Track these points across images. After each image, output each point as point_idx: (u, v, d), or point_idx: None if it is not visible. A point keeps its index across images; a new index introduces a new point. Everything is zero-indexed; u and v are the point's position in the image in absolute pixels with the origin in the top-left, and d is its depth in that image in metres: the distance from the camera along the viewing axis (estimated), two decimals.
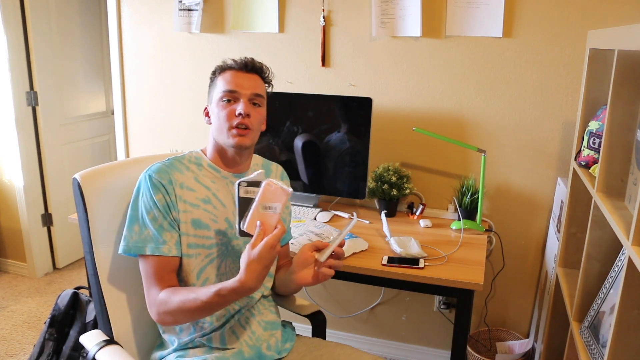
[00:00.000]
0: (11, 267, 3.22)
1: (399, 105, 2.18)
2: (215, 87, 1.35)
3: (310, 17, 2.20)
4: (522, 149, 2.08)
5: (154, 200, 1.25)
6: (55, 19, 3.04)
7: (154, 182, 1.26)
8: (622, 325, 1.07)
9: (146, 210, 1.25)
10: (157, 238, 1.24)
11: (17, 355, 2.39)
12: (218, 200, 1.34)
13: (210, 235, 1.30)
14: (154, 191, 1.25)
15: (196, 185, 1.32)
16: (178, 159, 1.35)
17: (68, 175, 3.28)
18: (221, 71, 1.35)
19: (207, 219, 1.30)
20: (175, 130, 2.54)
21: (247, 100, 1.31)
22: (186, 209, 1.28)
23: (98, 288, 1.36)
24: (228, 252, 1.34)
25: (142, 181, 1.29)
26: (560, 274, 1.74)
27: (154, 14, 2.44)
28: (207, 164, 1.36)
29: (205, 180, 1.34)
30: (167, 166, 1.30)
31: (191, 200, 1.29)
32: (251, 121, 1.31)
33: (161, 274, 1.25)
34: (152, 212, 1.25)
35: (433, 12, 2.05)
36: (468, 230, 1.99)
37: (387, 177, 2.08)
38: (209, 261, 1.31)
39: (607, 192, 1.33)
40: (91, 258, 1.35)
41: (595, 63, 1.61)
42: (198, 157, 1.37)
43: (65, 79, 3.19)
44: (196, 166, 1.35)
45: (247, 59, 1.35)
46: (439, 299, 2.32)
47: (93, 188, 1.36)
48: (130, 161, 1.50)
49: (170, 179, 1.28)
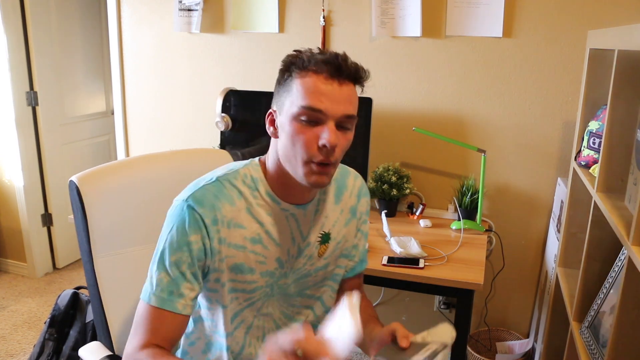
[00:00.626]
0: (11, 267, 3.22)
1: (399, 105, 2.18)
2: (289, 92, 0.97)
3: (310, 17, 2.20)
4: (522, 149, 2.08)
5: (187, 240, 0.98)
6: (55, 19, 3.04)
7: (194, 217, 0.97)
8: (622, 325, 1.07)
9: (171, 249, 0.99)
10: (173, 289, 0.98)
11: (17, 355, 2.39)
12: (270, 238, 1.06)
13: (254, 280, 1.06)
14: (190, 229, 0.97)
15: (247, 220, 1.03)
16: (230, 178, 1.03)
17: (68, 175, 3.26)
18: (301, 70, 0.95)
19: (252, 262, 1.05)
20: (175, 130, 2.54)
21: (335, 124, 0.95)
22: (228, 254, 1.02)
23: (98, 300, 1.24)
24: (273, 292, 1.11)
25: (175, 211, 1.00)
26: (560, 274, 1.74)
27: (154, 14, 2.44)
28: (265, 192, 1.04)
29: (260, 212, 1.04)
30: (215, 194, 1.00)
31: (237, 241, 1.02)
32: (336, 155, 0.97)
33: (164, 333, 1.00)
34: (179, 254, 0.98)
35: (433, 12, 2.05)
36: (468, 230, 1.99)
37: (387, 177, 2.08)
38: (247, 305, 1.09)
39: (607, 192, 1.33)
40: (91, 268, 1.23)
41: (595, 63, 1.61)
42: (255, 179, 1.04)
43: (65, 79, 3.19)
44: (250, 191, 1.03)
45: (338, 57, 0.95)
46: (439, 299, 2.32)
47: (93, 191, 1.22)
48: (131, 160, 1.38)
49: (215, 216, 0.98)
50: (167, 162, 1.42)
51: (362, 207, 1.22)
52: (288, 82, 0.97)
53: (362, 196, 1.22)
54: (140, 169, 1.35)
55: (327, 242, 1.14)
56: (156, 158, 1.41)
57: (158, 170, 1.38)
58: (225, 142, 2.21)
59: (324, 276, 1.18)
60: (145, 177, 1.35)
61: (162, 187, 1.35)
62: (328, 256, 1.16)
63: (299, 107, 0.94)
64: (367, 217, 1.25)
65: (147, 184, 1.34)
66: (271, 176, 1.05)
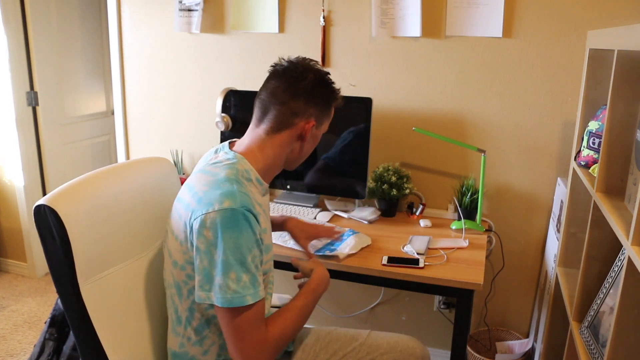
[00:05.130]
0: (11, 267, 3.22)
1: (399, 105, 2.18)
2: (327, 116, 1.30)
3: (310, 17, 2.20)
4: (522, 149, 2.08)
5: (256, 239, 1.11)
6: (55, 19, 3.04)
7: (252, 220, 1.10)
8: (622, 325, 1.07)
9: (248, 249, 1.09)
10: (255, 282, 1.11)
11: (18, 355, 2.39)
12: (266, 215, 1.27)
13: (272, 254, 1.28)
14: (255, 228, 1.11)
15: (256, 207, 1.17)
16: (238, 177, 1.17)
17: (68, 175, 3.28)
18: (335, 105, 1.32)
19: (269, 240, 1.25)
20: (175, 130, 2.54)
21: None
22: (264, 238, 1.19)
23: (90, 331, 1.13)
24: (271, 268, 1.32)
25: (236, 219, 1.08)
26: (560, 274, 1.74)
27: (154, 14, 2.44)
28: (255, 179, 1.23)
29: (257, 196, 1.21)
30: (246, 194, 1.13)
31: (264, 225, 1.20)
32: None
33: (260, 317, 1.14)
34: (253, 252, 1.11)
35: (433, 12, 2.05)
36: (468, 230, 2.00)
37: (387, 177, 2.08)
38: (272, 278, 1.30)
39: (607, 192, 1.33)
40: (77, 299, 1.11)
41: (595, 63, 1.61)
42: (248, 171, 1.21)
43: (66, 79, 3.19)
44: (249, 182, 1.20)
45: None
46: (439, 299, 2.32)
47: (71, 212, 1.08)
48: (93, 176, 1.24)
49: (258, 211, 1.15)
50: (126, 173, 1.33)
51: None
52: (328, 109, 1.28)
53: None
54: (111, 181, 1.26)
55: None
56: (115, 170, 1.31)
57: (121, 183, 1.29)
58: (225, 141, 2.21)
59: None
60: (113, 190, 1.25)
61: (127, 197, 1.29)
62: None
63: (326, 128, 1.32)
64: None
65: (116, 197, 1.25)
66: (262, 165, 1.24)
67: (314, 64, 1.27)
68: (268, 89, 1.25)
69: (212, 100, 2.43)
